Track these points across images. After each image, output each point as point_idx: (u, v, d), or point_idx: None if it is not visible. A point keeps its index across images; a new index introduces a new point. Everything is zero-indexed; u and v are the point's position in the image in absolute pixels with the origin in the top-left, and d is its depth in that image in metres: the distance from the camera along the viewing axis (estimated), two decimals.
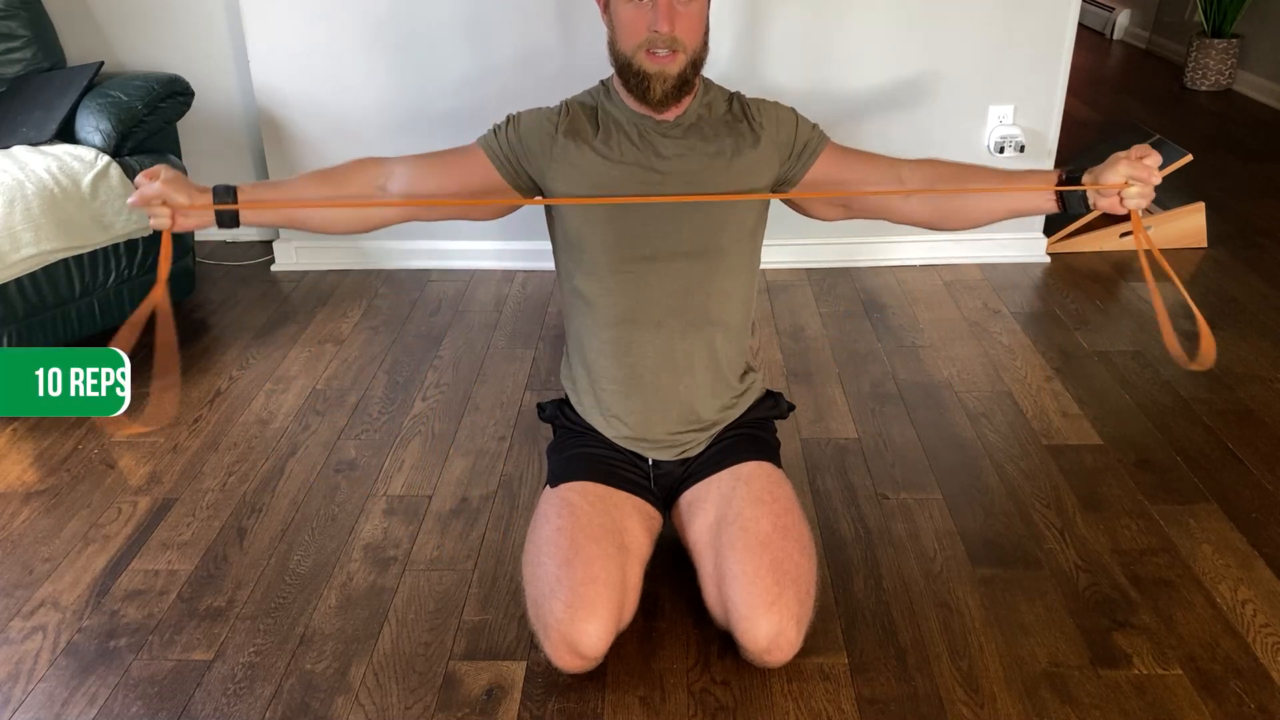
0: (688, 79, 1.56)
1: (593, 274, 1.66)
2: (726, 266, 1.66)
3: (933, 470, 2.11)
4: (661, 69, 1.54)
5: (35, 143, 2.51)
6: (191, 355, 2.64)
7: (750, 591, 1.51)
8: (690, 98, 1.63)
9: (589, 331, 1.71)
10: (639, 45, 1.53)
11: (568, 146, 1.62)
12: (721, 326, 1.69)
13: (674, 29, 1.51)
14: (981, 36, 2.86)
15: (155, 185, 1.47)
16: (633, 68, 1.55)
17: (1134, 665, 1.60)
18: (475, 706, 1.56)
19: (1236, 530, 1.91)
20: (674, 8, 1.51)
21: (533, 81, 2.93)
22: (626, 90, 1.61)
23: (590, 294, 1.68)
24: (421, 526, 1.97)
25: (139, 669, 1.65)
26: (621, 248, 1.63)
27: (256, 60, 2.93)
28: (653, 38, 1.51)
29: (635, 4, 1.52)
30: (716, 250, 1.64)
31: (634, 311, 1.66)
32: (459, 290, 3.01)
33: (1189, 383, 2.41)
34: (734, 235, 1.65)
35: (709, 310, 1.67)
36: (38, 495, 2.09)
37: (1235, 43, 5.08)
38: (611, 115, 1.65)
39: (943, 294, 2.91)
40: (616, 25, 1.57)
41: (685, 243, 1.62)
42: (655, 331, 1.67)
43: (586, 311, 1.70)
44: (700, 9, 1.55)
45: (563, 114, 1.66)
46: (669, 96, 1.56)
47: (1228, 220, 3.40)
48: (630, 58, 1.55)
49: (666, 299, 1.65)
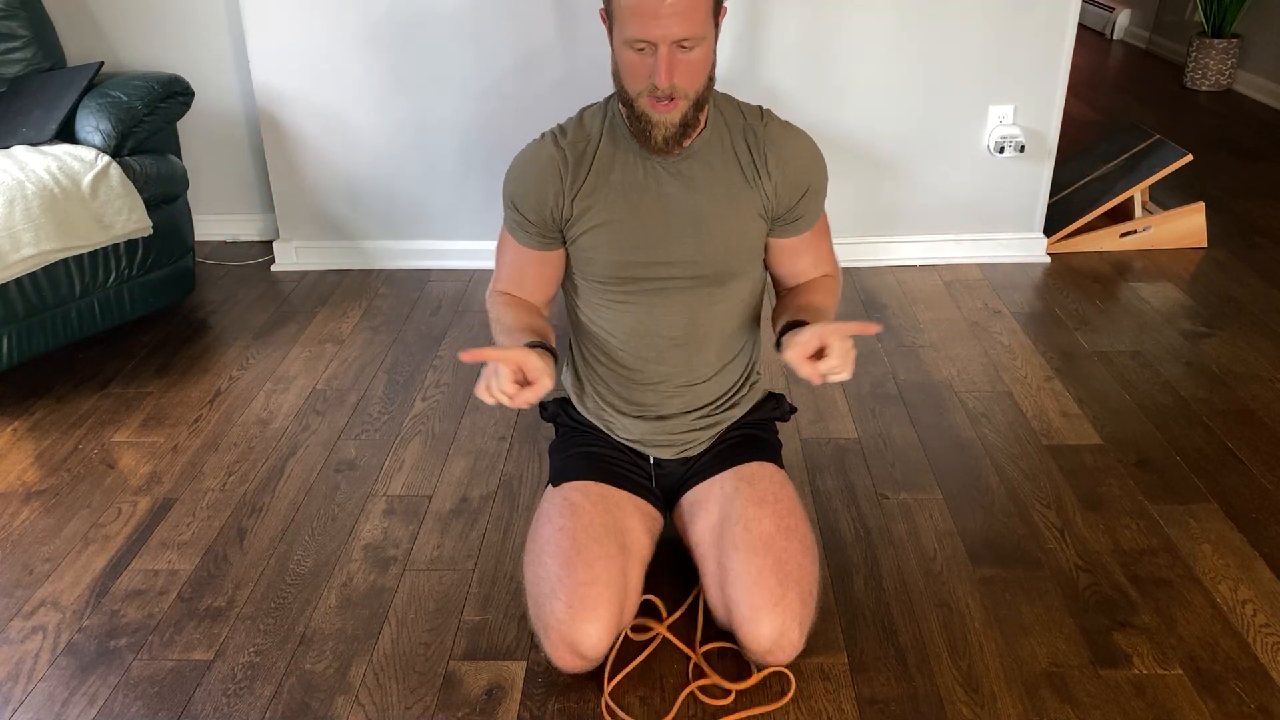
0: (690, 122, 1.51)
1: (598, 299, 1.66)
2: (733, 291, 1.65)
3: (933, 470, 2.11)
4: (663, 118, 1.49)
5: (35, 143, 2.51)
6: (191, 355, 2.64)
7: (753, 592, 1.51)
8: (696, 132, 1.57)
9: (593, 347, 1.71)
10: (641, 91, 1.48)
11: (575, 208, 1.59)
12: (727, 345, 1.70)
13: (674, 79, 1.45)
14: (981, 36, 2.86)
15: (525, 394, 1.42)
16: (636, 110, 1.50)
17: (1134, 665, 1.61)
18: (475, 706, 1.56)
19: (1236, 530, 1.91)
20: (674, 59, 1.44)
21: (534, 82, 2.93)
22: (629, 124, 1.56)
23: (597, 315, 1.68)
24: (421, 526, 1.97)
25: (139, 669, 1.65)
26: (627, 279, 1.61)
27: (256, 60, 2.94)
28: (654, 86, 1.46)
29: (636, 53, 1.45)
30: (723, 278, 1.63)
31: (640, 333, 1.66)
32: (459, 290, 3.01)
33: (1189, 383, 2.42)
34: (741, 264, 1.64)
35: (715, 331, 1.67)
36: (38, 495, 2.09)
37: (1235, 43, 5.08)
38: (617, 143, 1.59)
39: (943, 294, 2.91)
40: (619, 65, 1.50)
41: (692, 273, 1.61)
42: (661, 350, 1.67)
43: (591, 330, 1.70)
44: (703, 54, 1.47)
45: (565, 165, 1.58)
46: (670, 143, 1.52)
47: (1228, 220, 3.40)
48: (634, 100, 1.50)
49: (673, 321, 1.64)
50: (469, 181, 3.06)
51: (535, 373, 1.40)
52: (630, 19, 1.42)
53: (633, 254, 1.59)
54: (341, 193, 3.09)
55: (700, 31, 1.43)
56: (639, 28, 1.41)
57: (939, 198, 3.04)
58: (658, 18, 1.40)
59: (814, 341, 1.41)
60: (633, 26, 1.42)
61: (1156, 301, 2.82)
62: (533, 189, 1.59)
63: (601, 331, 1.68)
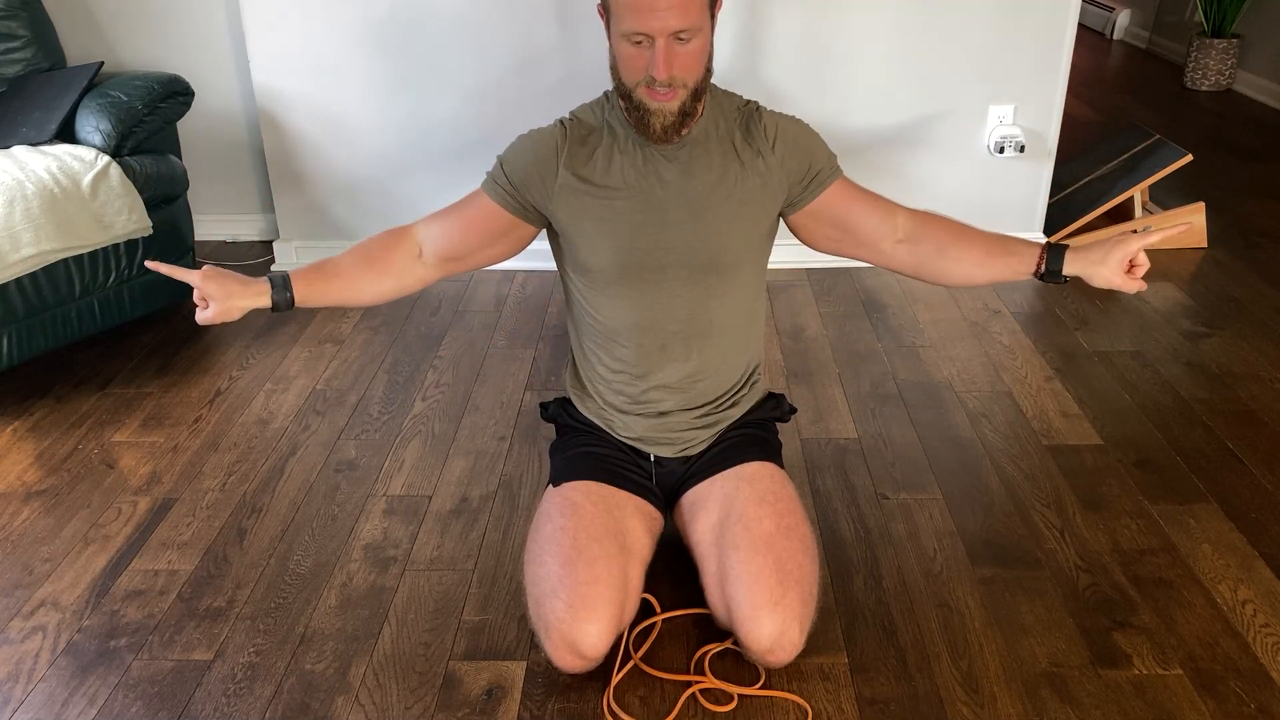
0: (688, 110, 1.53)
1: (599, 292, 1.66)
2: (732, 283, 1.66)
3: (933, 470, 2.11)
4: (661, 106, 1.50)
5: (35, 143, 2.51)
6: (191, 355, 2.64)
7: (754, 591, 1.51)
8: (694, 121, 1.58)
9: (595, 345, 1.72)
10: (639, 82, 1.49)
11: (569, 180, 1.60)
12: (728, 340, 1.70)
13: (672, 71, 1.47)
14: (981, 36, 2.86)
15: (205, 285, 1.56)
16: (633, 100, 1.52)
17: (1134, 665, 1.61)
18: (475, 706, 1.56)
19: (1236, 530, 1.91)
20: (672, 51, 1.46)
21: (534, 82, 2.93)
22: (627, 116, 1.57)
23: (597, 310, 1.68)
24: (421, 526, 1.97)
25: (139, 669, 1.65)
26: (627, 268, 1.62)
27: (256, 60, 2.94)
28: (652, 78, 1.47)
29: (634, 46, 1.47)
30: (722, 268, 1.63)
31: (641, 326, 1.66)
32: (459, 290, 3.01)
33: (1189, 383, 2.42)
34: (740, 254, 1.64)
35: (715, 325, 1.67)
36: (38, 495, 2.09)
37: (1235, 43, 5.09)
38: (616, 135, 1.60)
39: (943, 294, 2.91)
40: (617, 58, 1.52)
41: (691, 262, 1.62)
42: (662, 347, 1.67)
43: (593, 325, 1.70)
44: (700, 45, 1.49)
45: (563, 141, 1.61)
46: (669, 131, 1.53)
47: (1228, 220, 3.40)
48: (631, 91, 1.51)
49: (674, 314, 1.65)
50: (469, 182, 3.05)
51: (198, 297, 1.57)
52: (627, 12, 1.44)
53: (633, 240, 1.60)
54: (341, 193, 3.09)
55: (697, 23, 1.45)
56: (636, 21, 1.44)
57: (939, 198, 3.04)
58: (655, 11, 1.42)
59: (1132, 253, 1.56)
60: (630, 20, 1.44)
61: (1156, 301, 2.82)
62: (526, 151, 1.63)
63: (603, 326, 1.68)
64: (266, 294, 1.58)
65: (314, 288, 1.63)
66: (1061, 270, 1.60)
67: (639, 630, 1.68)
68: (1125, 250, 1.56)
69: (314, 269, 1.65)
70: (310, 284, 1.62)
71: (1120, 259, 1.56)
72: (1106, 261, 1.57)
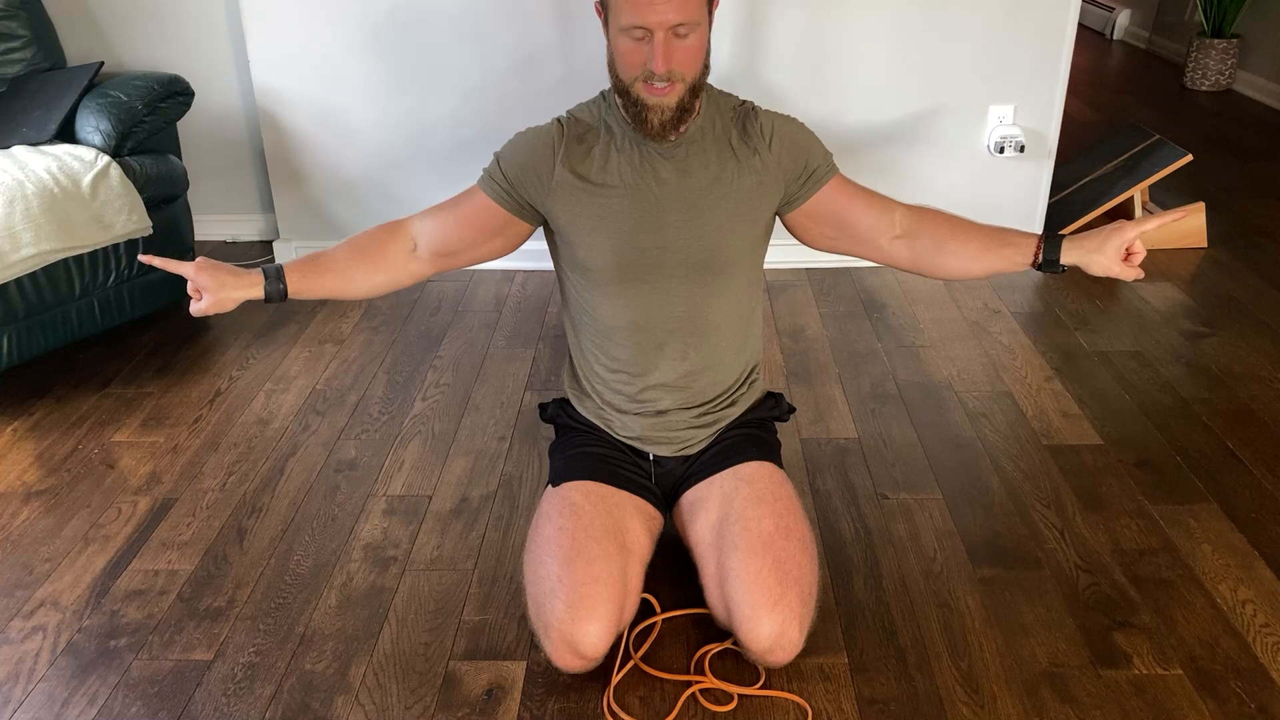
0: (686, 106, 1.53)
1: (596, 291, 1.66)
2: (729, 282, 1.66)
3: (933, 470, 2.11)
4: (659, 101, 1.51)
5: (35, 143, 2.51)
6: (191, 355, 2.64)
7: (753, 591, 1.51)
8: (691, 118, 1.59)
9: (593, 344, 1.72)
10: (636, 77, 1.50)
11: (566, 177, 1.60)
12: (726, 339, 1.70)
13: (671, 65, 1.47)
14: (981, 36, 2.86)
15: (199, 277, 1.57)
16: (631, 96, 1.52)
17: (1134, 665, 1.61)
18: (475, 706, 1.56)
19: (1236, 530, 1.91)
20: (671, 45, 1.46)
21: (533, 82, 2.93)
22: (625, 113, 1.58)
23: (594, 309, 1.68)
24: (421, 526, 1.97)
25: (139, 669, 1.65)
26: (624, 267, 1.62)
27: (256, 60, 2.94)
28: (650, 73, 1.48)
29: (632, 40, 1.47)
30: (719, 266, 1.64)
31: (638, 325, 1.66)
32: (459, 290, 3.01)
33: (1189, 383, 2.42)
34: (736, 252, 1.64)
35: (713, 323, 1.67)
36: (38, 495, 2.09)
37: (1235, 43, 5.09)
38: (613, 133, 1.61)
39: (943, 294, 2.91)
40: (615, 54, 1.52)
41: (688, 260, 1.62)
42: (659, 345, 1.67)
43: (590, 324, 1.70)
44: (698, 40, 1.49)
45: (560, 138, 1.61)
46: (667, 127, 1.54)
47: (1228, 220, 3.40)
48: (628, 86, 1.52)
49: (671, 312, 1.65)
50: (468, 181, 3.05)
51: (192, 289, 1.58)
52: (626, 6, 1.45)
53: (629, 239, 1.60)
54: (341, 192, 3.09)
55: (695, 18, 1.46)
56: (635, 14, 1.44)
57: (939, 197, 3.03)
58: (653, 4, 1.43)
59: (1129, 241, 1.57)
60: (629, 14, 1.45)
61: (1156, 301, 2.82)
62: (523, 148, 1.63)
63: (600, 325, 1.68)
64: (260, 285, 1.59)
65: (307, 280, 1.63)
66: (1059, 259, 1.61)
67: (639, 630, 1.68)
68: (1122, 238, 1.56)
69: (308, 261, 1.65)
70: (304, 276, 1.63)
71: (1117, 246, 1.57)
72: (1104, 249, 1.57)
